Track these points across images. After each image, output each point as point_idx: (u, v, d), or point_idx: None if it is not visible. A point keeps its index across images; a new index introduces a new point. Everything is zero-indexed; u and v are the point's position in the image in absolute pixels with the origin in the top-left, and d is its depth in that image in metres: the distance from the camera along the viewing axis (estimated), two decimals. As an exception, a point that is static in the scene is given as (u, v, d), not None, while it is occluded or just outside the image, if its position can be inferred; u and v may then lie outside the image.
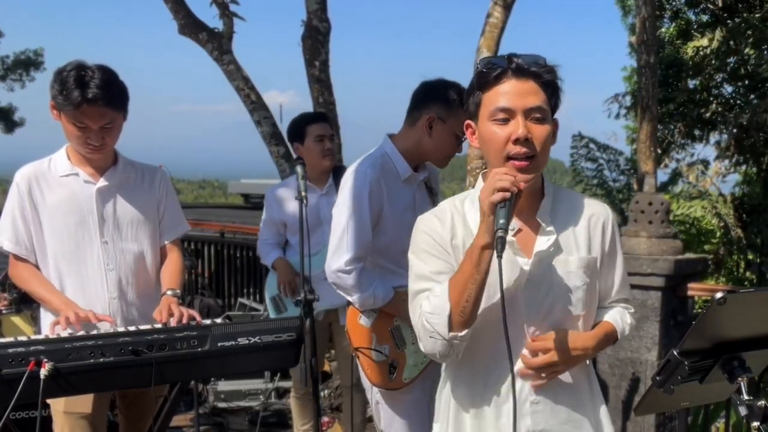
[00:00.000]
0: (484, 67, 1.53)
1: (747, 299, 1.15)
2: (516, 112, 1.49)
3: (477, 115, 1.56)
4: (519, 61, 1.50)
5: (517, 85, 1.50)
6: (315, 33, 4.98)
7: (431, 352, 1.52)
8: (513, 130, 1.48)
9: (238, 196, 23.75)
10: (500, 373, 1.55)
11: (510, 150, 1.49)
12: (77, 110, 2.16)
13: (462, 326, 1.48)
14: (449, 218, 1.59)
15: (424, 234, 1.59)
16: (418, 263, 1.59)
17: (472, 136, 1.61)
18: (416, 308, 1.55)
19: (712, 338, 1.19)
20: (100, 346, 2.01)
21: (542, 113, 1.51)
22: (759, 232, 11.21)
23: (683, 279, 3.56)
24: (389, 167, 2.47)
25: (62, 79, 2.17)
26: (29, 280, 2.29)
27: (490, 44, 5.12)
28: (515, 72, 1.50)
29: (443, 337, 1.48)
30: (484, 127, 1.53)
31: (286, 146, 5.12)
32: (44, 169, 2.31)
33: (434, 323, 1.48)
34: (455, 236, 1.57)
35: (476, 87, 1.55)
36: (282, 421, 4.23)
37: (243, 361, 2.19)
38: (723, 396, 1.34)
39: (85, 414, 2.27)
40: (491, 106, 1.51)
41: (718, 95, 12.53)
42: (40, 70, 21.03)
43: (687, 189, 13.40)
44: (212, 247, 6.26)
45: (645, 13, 7.84)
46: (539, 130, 1.50)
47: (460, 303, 1.46)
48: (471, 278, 1.44)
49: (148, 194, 2.42)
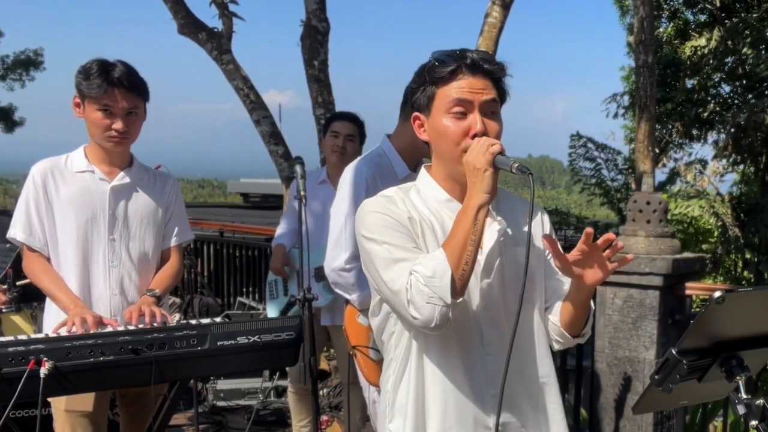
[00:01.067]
0: (437, 61, 1.53)
1: (745, 298, 1.15)
2: (474, 106, 1.50)
3: (428, 108, 1.55)
4: (473, 56, 1.51)
5: (473, 81, 1.50)
6: (314, 33, 4.99)
7: (427, 319, 1.42)
8: (470, 125, 1.50)
9: (238, 196, 23.77)
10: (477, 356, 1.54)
11: (468, 144, 1.49)
12: (104, 93, 2.23)
13: (461, 291, 1.45)
14: (399, 200, 1.57)
15: (375, 213, 1.53)
16: (382, 247, 1.49)
17: (420, 129, 1.59)
18: (403, 278, 1.44)
19: (711, 337, 1.20)
20: (100, 344, 2.01)
21: (495, 108, 1.53)
22: (756, 232, 11.23)
23: (681, 278, 3.56)
24: (386, 166, 2.49)
25: (86, 69, 2.24)
26: (40, 275, 2.30)
27: (488, 44, 5.13)
28: (469, 68, 1.51)
29: (445, 302, 1.41)
30: (439, 121, 1.52)
31: (285, 145, 5.13)
32: (61, 164, 2.34)
33: (435, 287, 1.40)
34: (409, 213, 1.54)
35: (428, 81, 1.54)
36: (281, 419, 4.24)
37: (242, 360, 2.19)
38: (721, 395, 1.34)
39: (86, 412, 2.27)
40: (448, 99, 1.51)
41: (716, 95, 12.56)
42: (39, 70, 21.07)
43: (685, 188, 13.42)
44: (211, 246, 6.26)
45: (643, 13, 7.86)
46: (493, 126, 1.52)
47: (460, 266, 1.42)
48: (468, 239, 1.42)
49: (159, 197, 2.45)
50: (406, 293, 1.44)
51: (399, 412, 1.60)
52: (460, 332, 1.52)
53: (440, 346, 1.53)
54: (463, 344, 1.54)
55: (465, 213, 1.45)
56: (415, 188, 1.62)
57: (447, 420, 1.54)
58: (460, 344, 1.53)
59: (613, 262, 1.47)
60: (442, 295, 1.41)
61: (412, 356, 1.57)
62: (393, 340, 1.61)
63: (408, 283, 1.43)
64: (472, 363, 1.54)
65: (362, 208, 1.58)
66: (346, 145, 3.38)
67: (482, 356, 1.55)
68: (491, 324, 1.55)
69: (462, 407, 1.54)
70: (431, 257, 1.45)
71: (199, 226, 7.24)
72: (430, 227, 1.55)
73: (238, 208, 18.96)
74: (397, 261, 1.47)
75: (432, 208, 1.58)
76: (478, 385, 1.54)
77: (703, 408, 3.77)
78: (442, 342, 1.53)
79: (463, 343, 1.54)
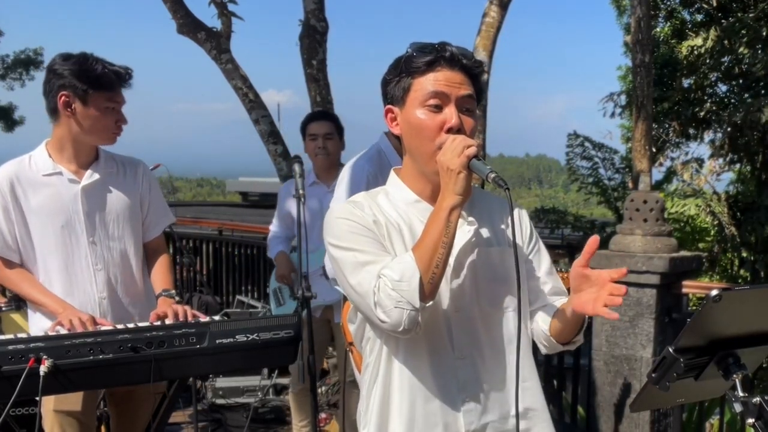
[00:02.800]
0: (416, 51, 1.48)
1: (742, 296, 1.16)
2: (450, 99, 1.46)
3: (403, 100, 1.50)
4: (453, 49, 1.48)
5: (450, 74, 1.46)
6: (313, 32, 5.00)
7: (394, 324, 1.38)
8: (446, 119, 1.45)
9: (237, 194, 23.77)
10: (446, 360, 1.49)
11: (443, 140, 1.44)
12: (113, 91, 2.22)
13: (431, 295, 1.40)
14: (366, 205, 1.52)
15: (340, 220, 1.49)
16: (349, 254, 1.45)
17: (392, 123, 1.55)
18: (370, 282, 1.41)
19: (708, 335, 1.20)
20: (99, 343, 2.02)
21: (472, 105, 1.49)
22: (753, 230, 11.25)
23: (678, 277, 3.58)
24: (385, 163, 2.50)
25: (84, 68, 2.19)
26: (20, 284, 2.27)
27: (486, 43, 5.14)
28: (448, 61, 1.47)
29: (413, 306, 1.36)
30: (413, 113, 1.47)
31: (283, 145, 5.14)
32: (25, 168, 2.26)
33: (403, 291, 1.37)
34: (375, 217, 1.50)
35: (404, 72, 1.49)
36: (279, 417, 4.25)
37: (241, 358, 2.20)
38: (718, 393, 1.35)
39: (74, 412, 2.26)
40: (424, 91, 1.46)
41: (713, 94, 12.57)
42: (39, 69, 21.03)
43: (681, 187, 13.44)
44: (210, 245, 6.26)
45: (640, 13, 7.87)
46: (469, 122, 1.48)
47: (429, 269, 1.38)
48: (440, 241, 1.38)
49: (132, 189, 2.39)
50: (373, 296, 1.40)
51: (370, 418, 1.57)
52: (428, 336, 1.47)
53: (409, 351, 1.49)
54: (433, 348, 1.49)
55: (437, 215, 1.41)
56: (383, 192, 1.58)
57: (414, 426, 1.49)
58: (429, 348, 1.48)
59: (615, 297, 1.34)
60: (410, 299, 1.37)
61: (382, 361, 1.53)
62: (368, 346, 1.58)
63: (376, 286, 1.40)
64: (442, 368, 1.49)
65: (328, 215, 1.54)
66: (326, 145, 3.39)
67: (452, 360, 1.49)
68: (462, 327, 1.50)
69: (431, 414, 1.49)
70: (399, 260, 1.41)
71: (198, 225, 7.24)
72: (397, 230, 1.51)
73: (237, 206, 18.95)
74: (364, 264, 1.43)
75: (400, 211, 1.54)
76: (448, 390, 1.49)
77: (699, 406, 3.79)
78: (411, 346, 1.48)
79: (432, 347, 1.49)
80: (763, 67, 10.32)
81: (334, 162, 3.46)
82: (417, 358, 1.49)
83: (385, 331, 1.46)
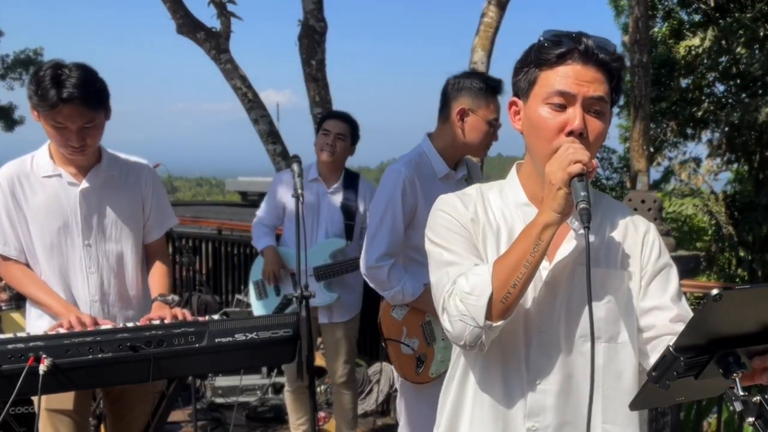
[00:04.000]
0: (548, 40, 1.34)
1: (742, 296, 1.16)
2: (576, 100, 1.31)
3: (528, 93, 1.36)
4: (589, 42, 1.32)
5: (582, 71, 1.31)
6: (312, 32, 5.00)
7: (456, 336, 1.31)
8: (569, 120, 1.31)
9: (236, 194, 23.83)
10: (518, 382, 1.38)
11: (561, 143, 1.30)
12: (53, 110, 2.08)
13: (501, 315, 1.28)
14: (472, 201, 1.43)
15: (440, 212, 1.43)
16: (436, 249, 1.40)
17: (515, 117, 1.42)
18: (445, 285, 1.34)
19: (708, 334, 1.20)
20: (99, 342, 2.02)
21: (602, 107, 1.34)
22: (750, 230, 11.29)
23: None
24: (426, 165, 2.53)
25: (38, 78, 2.08)
26: (23, 281, 2.27)
27: (484, 43, 5.15)
28: (582, 54, 1.31)
29: (477, 323, 1.27)
30: (535, 109, 1.34)
31: (283, 144, 5.14)
32: (27, 169, 2.25)
33: (470, 305, 1.28)
34: (476, 215, 1.41)
35: (533, 62, 1.35)
36: (278, 416, 4.24)
37: (240, 357, 2.20)
38: (718, 391, 1.35)
39: (66, 410, 2.25)
40: (549, 87, 1.32)
41: (710, 94, 12.61)
42: (39, 70, 21.15)
43: (679, 187, 13.48)
44: (210, 244, 6.25)
45: (638, 13, 7.89)
46: (596, 126, 1.33)
47: (505, 288, 1.27)
48: (524, 260, 1.26)
49: (133, 193, 2.36)
50: (442, 301, 1.34)
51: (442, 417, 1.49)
52: (504, 352, 1.37)
53: (483, 363, 1.40)
54: (506, 366, 1.38)
55: (529, 230, 1.29)
56: (498, 186, 1.47)
57: None
58: (502, 365, 1.38)
59: None
60: (475, 315, 1.28)
61: (460, 364, 1.46)
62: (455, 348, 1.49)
63: (448, 292, 1.33)
64: (512, 389, 1.38)
65: (435, 203, 1.46)
66: (336, 144, 3.36)
67: (525, 383, 1.37)
68: (543, 350, 1.36)
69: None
70: (477, 271, 1.31)
71: (197, 224, 7.23)
72: (494, 232, 1.41)
73: (237, 206, 18.90)
74: (447, 265, 1.36)
75: (507, 212, 1.43)
76: (514, 414, 1.38)
77: (697, 405, 3.79)
78: (485, 360, 1.39)
79: (505, 364, 1.38)
80: (761, 67, 10.35)
81: (338, 163, 3.44)
82: (490, 371, 1.40)
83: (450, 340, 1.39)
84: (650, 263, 1.42)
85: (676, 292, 1.43)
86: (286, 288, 3.40)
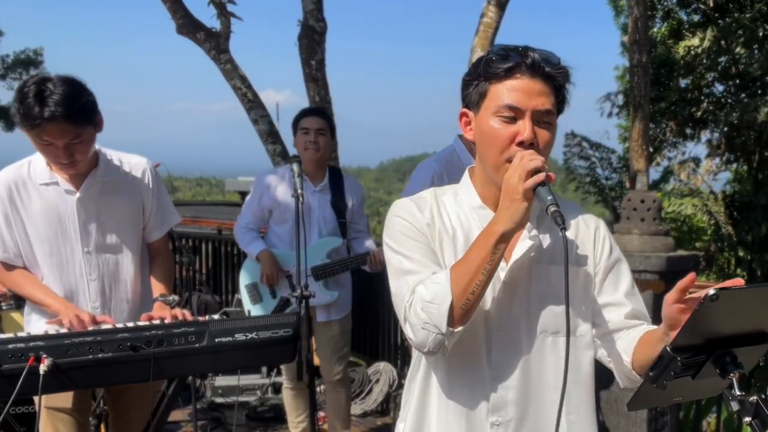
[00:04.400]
0: (496, 54, 1.39)
1: (739, 296, 1.16)
2: (525, 113, 1.36)
3: (478, 105, 1.42)
4: (535, 56, 1.37)
5: (530, 84, 1.37)
6: (311, 32, 5.01)
7: (420, 344, 1.36)
8: (519, 131, 1.36)
9: (235, 194, 23.84)
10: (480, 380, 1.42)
11: (512, 153, 1.36)
12: (38, 129, 2.04)
13: (461, 321, 1.33)
14: (428, 205, 1.47)
15: (397, 218, 1.45)
16: (396, 257, 1.42)
17: (466, 127, 1.48)
18: (405, 294, 1.38)
19: (705, 334, 1.21)
20: (99, 341, 2.02)
21: (550, 118, 1.40)
22: (749, 229, 11.30)
23: (675, 276, 3.59)
24: (456, 162, 2.58)
25: (21, 96, 2.03)
26: (23, 284, 2.27)
27: (484, 43, 5.16)
28: (529, 68, 1.37)
29: (440, 330, 1.31)
30: (486, 121, 1.40)
31: (282, 144, 5.15)
32: (24, 175, 2.23)
33: (432, 313, 1.32)
34: (432, 219, 1.45)
35: (483, 76, 1.40)
36: (278, 416, 4.25)
37: (240, 356, 2.21)
38: (715, 391, 1.35)
39: (67, 409, 2.26)
40: (498, 101, 1.38)
41: (709, 94, 12.61)
42: (39, 69, 21.27)
43: (678, 187, 13.49)
44: (210, 244, 6.26)
45: (637, 13, 7.90)
46: (545, 136, 1.39)
47: (464, 295, 1.31)
48: (482, 268, 1.31)
49: (132, 195, 2.34)
50: (403, 311, 1.37)
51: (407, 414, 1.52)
52: (466, 350, 1.41)
53: (446, 366, 1.44)
54: (468, 364, 1.42)
55: (485, 238, 1.33)
56: (453, 191, 1.52)
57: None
58: (464, 363, 1.43)
59: None
60: (437, 323, 1.32)
61: (422, 367, 1.49)
62: None
63: (408, 302, 1.36)
64: (475, 386, 1.42)
65: (391, 208, 1.49)
66: (318, 140, 3.34)
67: (487, 381, 1.42)
68: (503, 347, 1.42)
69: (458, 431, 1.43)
70: (436, 279, 1.35)
71: (197, 224, 7.24)
72: (450, 236, 1.45)
73: (236, 206, 18.92)
74: (406, 273, 1.40)
75: (462, 215, 1.47)
76: (478, 410, 1.42)
77: (696, 404, 3.80)
78: (447, 362, 1.43)
79: (468, 362, 1.42)
80: (760, 67, 10.36)
81: (323, 159, 3.42)
82: (453, 371, 1.44)
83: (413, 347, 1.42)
84: (603, 259, 1.48)
85: (629, 287, 1.49)
86: (281, 290, 3.39)
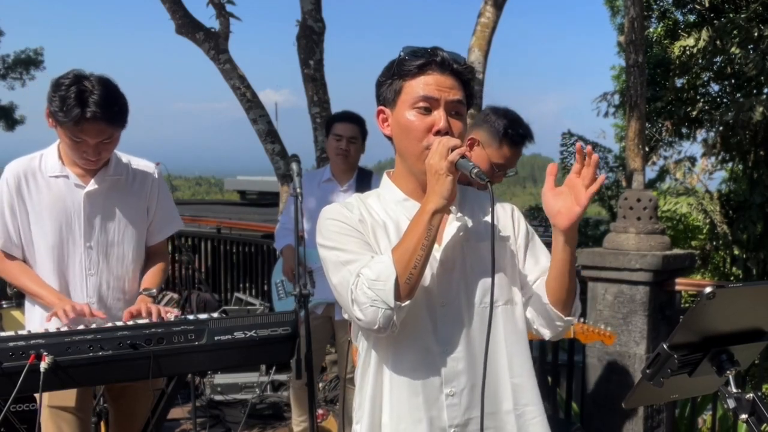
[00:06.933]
0: (408, 55, 1.52)
1: (735, 294, 1.18)
2: (439, 103, 1.49)
3: (394, 102, 1.53)
4: (444, 54, 1.51)
5: (441, 79, 1.50)
6: (310, 33, 5.01)
7: (370, 322, 1.42)
8: (435, 121, 1.49)
9: (235, 193, 23.84)
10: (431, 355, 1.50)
11: (430, 141, 1.47)
12: (76, 127, 2.12)
13: (408, 294, 1.42)
14: (356, 207, 1.56)
15: (328, 220, 1.54)
16: (332, 253, 1.50)
17: (383, 123, 1.58)
18: (349, 279, 1.45)
19: (701, 332, 1.22)
20: (99, 339, 2.02)
21: (461, 109, 1.52)
22: (744, 228, 11.33)
23: (671, 274, 3.61)
24: None
25: (62, 95, 2.10)
26: (19, 276, 2.28)
27: (481, 43, 5.16)
28: (439, 65, 1.50)
29: (388, 305, 1.39)
30: (403, 114, 1.51)
31: (281, 143, 5.16)
32: (34, 167, 2.27)
33: (379, 290, 1.40)
34: (362, 216, 1.54)
35: (396, 74, 1.52)
36: (277, 413, 4.27)
37: (239, 354, 2.21)
38: (711, 389, 1.37)
39: (69, 407, 2.27)
40: (414, 94, 1.50)
41: (705, 94, 12.64)
42: (40, 69, 21.28)
43: (674, 186, 13.53)
44: (209, 243, 6.28)
45: (633, 14, 7.92)
46: (458, 125, 1.51)
47: (407, 270, 1.40)
48: (420, 244, 1.41)
49: (138, 197, 2.38)
50: (350, 294, 1.43)
51: (363, 413, 1.57)
52: (413, 330, 1.49)
53: (396, 345, 1.51)
54: (417, 342, 1.50)
55: (420, 217, 1.43)
56: (375, 194, 1.62)
57: (401, 421, 1.50)
58: (413, 342, 1.50)
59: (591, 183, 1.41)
60: (385, 299, 1.39)
61: (372, 357, 1.55)
62: (361, 342, 1.59)
63: (354, 284, 1.43)
64: (426, 362, 1.50)
65: (320, 216, 1.57)
66: (350, 148, 3.42)
67: (437, 354, 1.50)
68: (448, 321, 1.51)
69: (415, 408, 1.50)
70: (378, 260, 1.44)
71: (196, 223, 7.27)
72: (382, 228, 1.54)
73: (235, 205, 18.99)
74: (345, 264, 1.47)
75: (389, 210, 1.56)
76: (432, 384, 1.50)
77: (692, 402, 3.83)
78: (397, 340, 1.50)
79: (416, 341, 1.50)
80: (755, 67, 10.39)
81: (352, 165, 3.50)
82: (403, 352, 1.51)
83: (362, 330, 1.50)
84: (521, 236, 1.62)
85: (546, 259, 1.60)
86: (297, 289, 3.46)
